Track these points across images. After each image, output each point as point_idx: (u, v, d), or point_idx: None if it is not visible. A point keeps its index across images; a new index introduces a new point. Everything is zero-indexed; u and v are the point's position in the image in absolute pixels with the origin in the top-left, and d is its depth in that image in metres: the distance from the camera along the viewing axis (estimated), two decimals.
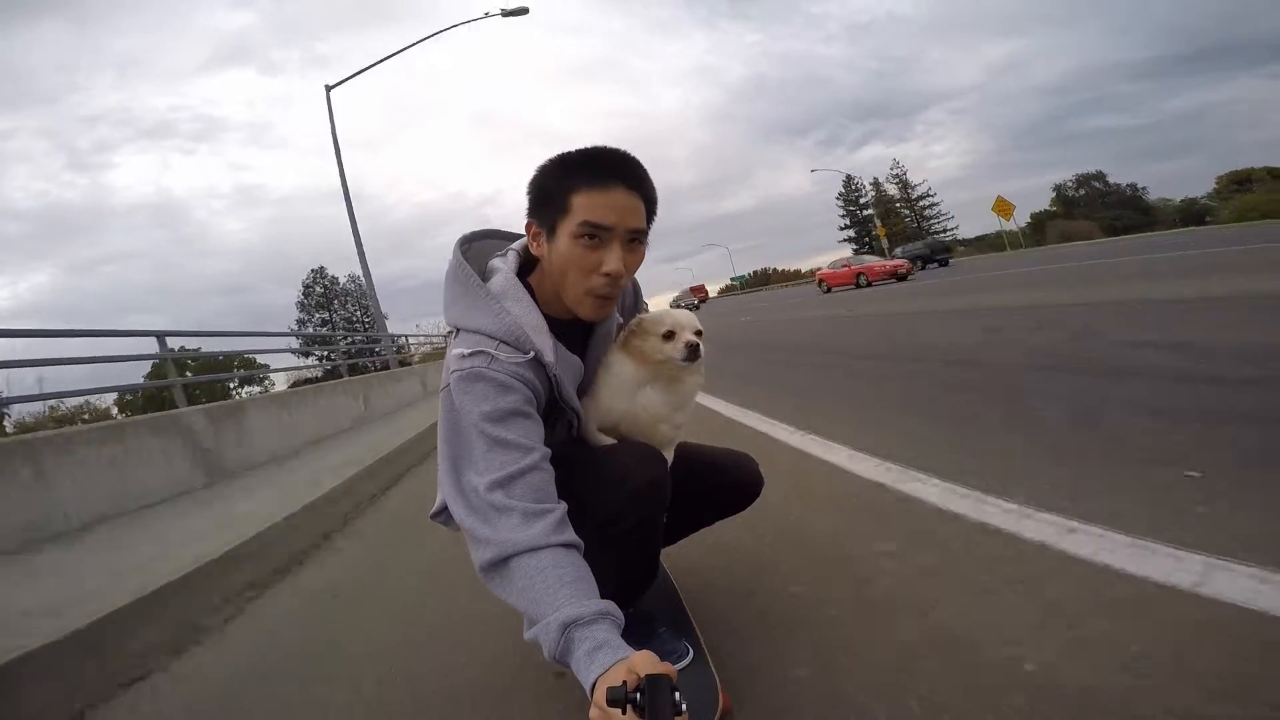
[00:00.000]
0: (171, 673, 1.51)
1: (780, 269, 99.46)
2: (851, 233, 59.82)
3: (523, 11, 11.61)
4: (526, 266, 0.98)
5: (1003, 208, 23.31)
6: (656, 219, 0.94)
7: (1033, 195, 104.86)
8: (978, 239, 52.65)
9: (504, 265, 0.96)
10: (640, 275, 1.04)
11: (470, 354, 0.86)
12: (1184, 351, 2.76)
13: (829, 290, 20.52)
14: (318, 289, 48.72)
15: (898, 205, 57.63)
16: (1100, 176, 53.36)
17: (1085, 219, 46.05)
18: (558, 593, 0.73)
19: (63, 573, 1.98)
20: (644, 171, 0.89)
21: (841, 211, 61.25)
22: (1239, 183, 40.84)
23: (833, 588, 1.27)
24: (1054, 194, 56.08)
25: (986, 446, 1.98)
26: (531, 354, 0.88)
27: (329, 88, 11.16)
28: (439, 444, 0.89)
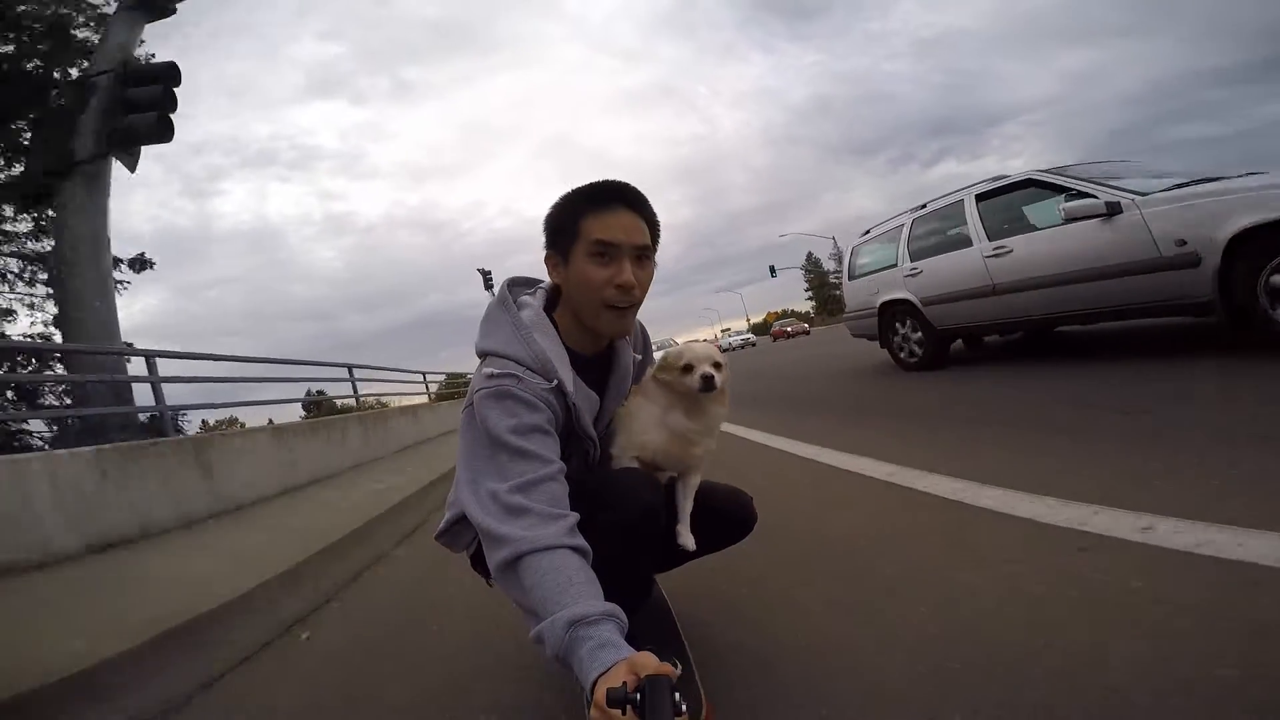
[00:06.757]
0: None
1: (792, 309, 75.57)
2: (810, 294, 70.00)
3: None
4: (552, 305, 1.08)
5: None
6: (660, 242, 1.03)
7: None
8: None
9: (533, 301, 1.06)
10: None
11: (500, 375, 0.94)
12: None
13: None
14: None
15: (831, 277, 67.62)
16: None
17: None
18: (566, 591, 0.76)
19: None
20: (643, 196, 1.00)
21: (804, 280, 71.53)
22: None
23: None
24: None
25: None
26: (555, 382, 0.96)
27: None
28: (459, 458, 0.96)
